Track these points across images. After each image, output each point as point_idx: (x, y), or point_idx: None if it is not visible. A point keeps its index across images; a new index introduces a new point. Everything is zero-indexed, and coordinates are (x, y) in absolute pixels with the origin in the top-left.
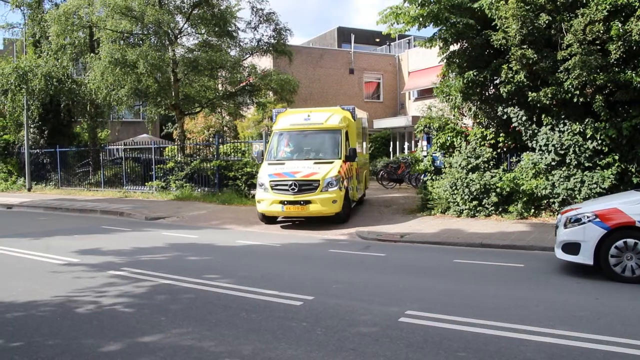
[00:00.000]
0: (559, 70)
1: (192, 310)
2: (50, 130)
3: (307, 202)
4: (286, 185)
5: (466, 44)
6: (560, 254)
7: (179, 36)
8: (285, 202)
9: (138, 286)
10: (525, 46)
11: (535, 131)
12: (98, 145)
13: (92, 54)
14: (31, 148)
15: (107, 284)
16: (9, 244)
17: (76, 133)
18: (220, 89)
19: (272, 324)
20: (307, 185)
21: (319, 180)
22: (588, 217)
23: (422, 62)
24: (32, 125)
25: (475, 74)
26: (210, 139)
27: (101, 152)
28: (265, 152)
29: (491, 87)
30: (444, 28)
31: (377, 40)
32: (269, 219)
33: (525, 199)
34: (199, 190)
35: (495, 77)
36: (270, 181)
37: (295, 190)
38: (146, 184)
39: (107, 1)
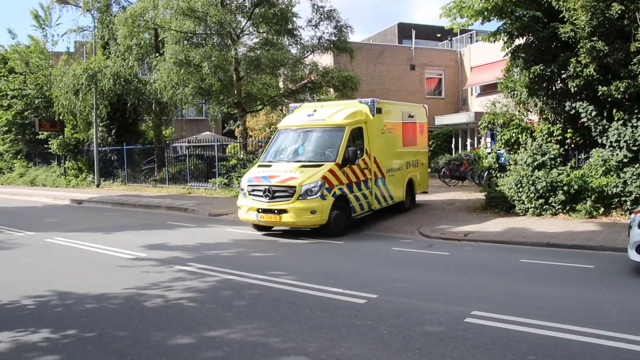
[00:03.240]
0: (632, 63)
1: (256, 306)
2: (117, 128)
3: (282, 211)
4: (261, 191)
5: (532, 38)
6: (634, 255)
7: (240, 35)
8: (260, 210)
9: (204, 281)
10: (595, 38)
11: (606, 127)
12: (163, 142)
13: (157, 54)
14: (100, 146)
15: (174, 278)
16: (81, 238)
17: (142, 131)
18: (281, 86)
19: (336, 321)
20: (281, 192)
21: (294, 187)
22: None
23: (485, 57)
24: (100, 124)
25: (541, 68)
26: (272, 136)
27: (165, 150)
28: (263, 152)
29: (558, 82)
30: (509, 21)
31: (439, 35)
32: (260, 227)
33: (594, 197)
34: None
35: (562, 71)
36: (248, 185)
37: (269, 197)
38: (209, 180)
39: (171, 3)
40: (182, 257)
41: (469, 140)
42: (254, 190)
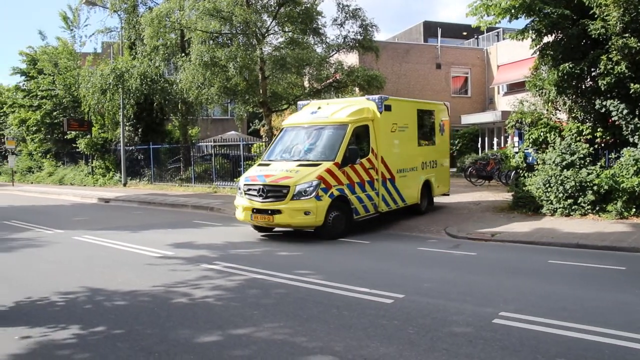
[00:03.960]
0: None
1: (283, 305)
2: (144, 128)
3: (276, 211)
4: (255, 190)
5: (561, 35)
6: None
7: (265, 35)
8: (254, 210)
9: (230, 280)
10: (627, 35)
11: (638, 125)
12: (189, 142)
13: (183, 55)
14: (126, 145)
15: (201, 277)
16: (109, 236)
17: (168, 130)
18: (306, 85)
19: (363, 321)
20: (275, 192)
21: (288, 187)
22: None
23: (512, 55)
24: (127, 124)
25: (570, 66)
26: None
27: (191, 149)
28: (265, 150)
29: (588, 80)
30: (537, 19)
31: (465, 33)
32: (260, 227)
33: (625, 197)
34: None
35: (593, 69)
36: (244, 185)
37: (263, 196)
38: (235, 179)
39: (197, 4)
40: (209, 256)
41: (495, 140)
42: (249, 189)
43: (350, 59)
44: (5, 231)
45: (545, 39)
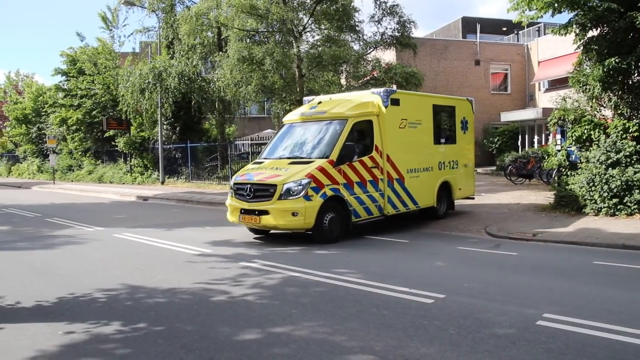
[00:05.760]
0: None
1: (322, 304)
2: (181, 126)
3: (263, 212)
4: (243, 190)
5: (606, 29)
6: None
7: (302, 32)
8: (242, 211)
9: (269, 278)
10: None
11: None
12: (226, 140)
13: (220, 53)
14: (164, 144)
15: (240, 274)
16: (148, 233)
17: (205, 129)
18: (343, 83)
19: (403, 321)
20: (262, 191)
21: (275, 186)
22: None
23: (553, 51)
24: (165, 122)
25: (617, 60)
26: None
27: (228, 147)
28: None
29: (636, 75)
30: (581, 12)
31: (504, 29)
32: (255, 230)
33: None
34: None
35: None
36: (234, 184)
37: (250, 196)
38: None
39: (234, 1)
40: (247, 254)
41: (536, 137)
42: (238, 189)
43: (388, 56)
44: (47, 228)
45: (590, 33)
